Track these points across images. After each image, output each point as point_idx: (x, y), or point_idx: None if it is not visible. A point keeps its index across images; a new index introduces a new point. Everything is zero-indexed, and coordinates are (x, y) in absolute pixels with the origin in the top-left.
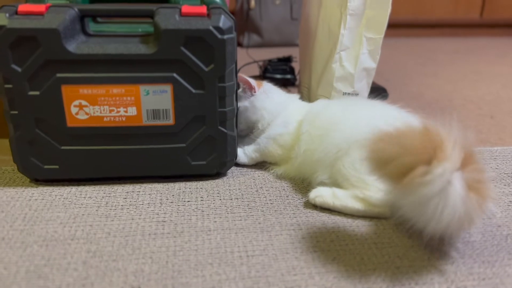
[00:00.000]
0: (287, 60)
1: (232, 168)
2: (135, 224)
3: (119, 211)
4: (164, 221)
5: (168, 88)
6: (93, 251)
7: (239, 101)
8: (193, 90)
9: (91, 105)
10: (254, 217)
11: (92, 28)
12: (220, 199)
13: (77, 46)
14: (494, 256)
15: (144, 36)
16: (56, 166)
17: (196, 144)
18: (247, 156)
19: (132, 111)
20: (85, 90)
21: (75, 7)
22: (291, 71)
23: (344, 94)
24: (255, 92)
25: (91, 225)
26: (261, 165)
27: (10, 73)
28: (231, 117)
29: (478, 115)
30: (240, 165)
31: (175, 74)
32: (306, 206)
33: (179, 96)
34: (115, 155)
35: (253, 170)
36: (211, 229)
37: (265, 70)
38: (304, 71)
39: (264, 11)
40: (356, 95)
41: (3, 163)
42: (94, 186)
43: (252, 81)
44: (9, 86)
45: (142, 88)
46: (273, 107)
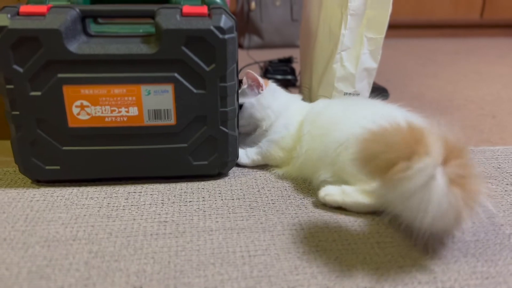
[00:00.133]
0: (288, 61)
1: (234, 168)
2: (137, 224)
3: (121, 212)
4: (166, 222)
5: (169, 88)
6: (95, 252)
7: (245, 97)
8: (195, 90)
9: (92, 106)
10: (256, 217)
11: (93, 29)
12: (222, 199)
13: (78, 46)
14: (497, 255)
15: (145, 36)
16: (57, 167)
17: (198, 144)
18: (248, 157)
19: (133, 111)
20: (87, 90)
21: (76, 8)
22: (292, 72)
23: (345, 94)
24: (262, 89)
25: (92, 226)
26: (263, 166)
27: (12, 73)
28: (233, 117)
29: (479, 115)
30: (241, 166)
31: (176, 74)
32: (308, 206)
33: (180, 96)
34: (117, 156)
35: (255, 170)
36: (213, 229)
37: (266, 71)
38: (305, 71)
39: (265, 13)
40: (357, 95)
41: (4, 165)
42: (95, 186)
43: (260, 78)
44: (11, 86)
45: (144, 88)
46: (277, 106)
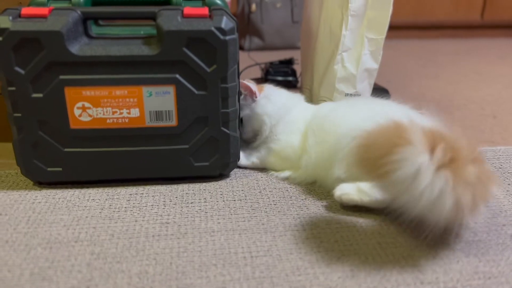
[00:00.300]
0: (289, 62)
1: (235, 169)
2: (139, 226)
3: (123, 213)
4: (167, 223)
5: (170, 89)
6: (97, 253)
7: (242, 110)
8: (196, 91)
9: (94, 107)
10: (257, 218)
11: (94, 31)
12: (224, 201)
13: (80, 48)
14: (499, 255)
15: (147, 38)
16: (59, 169)
17: (199, 145)
18: (248, 159)
19: (135, 112)
20: (88, 92)
21: (77, 10)
22: (293, 73)
23: (346, 95)
24: (256, 97)
25: (94, 227)
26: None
27: (14, 75)
28: (234, 118)
29: (480, 116)
30: (242, 167)
31: (177, 75)
32: (310, 207)
33: (181, 97)
34: (118, 157)
35: (256, 171)
36: (214, 230)
37: (267, 73)
38: (306, 72)
39: (265, 15)
40: (358, 96)
41: (6, 167)
42: (97, 188)
43: (253, 86)
44: (13, 88)
45: (145, 90)
46: (274, 111)
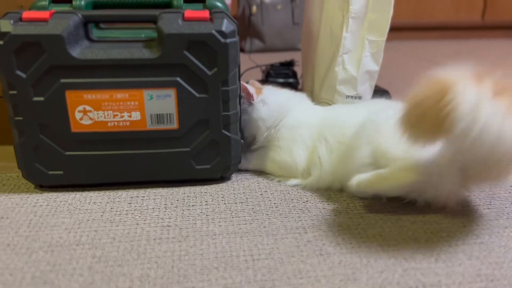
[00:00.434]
0: (290, 64)
1: (236, 172)
2: (140, 229)
3: (124, 216)
4: (169, 226)
5: (171, 93)
6: (98, 257)
7: (243, 114)
8: (197, 94)
9: (95, 110)
10: (259, 220)
11: (95, 35)
12: (225, 203)
13: (81, 51)
14: (501, 257)
15: (148, 41)
16: (60, 172)
17: (200, 148)
18: (249, 162)
19: (136, 115)
20: (89, 95)
21: (78, 13)
22: (294, 75)
23: (347, 97)
24: (253, 100)
25: (96, 231)
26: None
27: (15, 79)
28: (235, 120)
29: None
30: (243, 170)
31: (178, 79)
32: (311, 209)
33: (182, 100)
34: (119, 160)
35: (257, 174)
36: (216, 233)
37: (267, 75)
38: (307, 74)
39: (266, 16)
40: (359, 98)
41: (7, 170)
42: (98, 191)
43: (251, 88)
44: (14, 92)
45: (146, 93)
46: (269, 115)
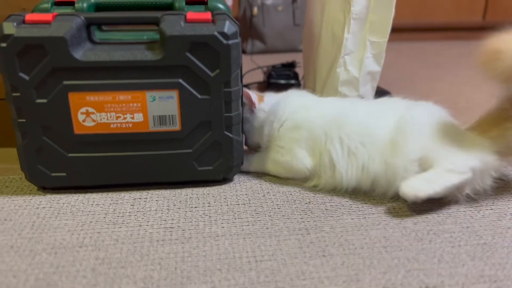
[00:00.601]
0: (291, 65)
1: (239, 173)
2: (143, 230)
3: (127, 218)
4: (171, 227)
5: (174, 94)
6: (101, 258)
7: (245, 122)
8: (199, 96)
9: (98, 112)
10: (261, 222)
11: (97, 37)
12: (227, 205)
13: (83, 53)
14: (504, 258)
15: (150, 43)
16: (63, 174)
17: (203, 150)
18: (251, 163)
19: (138, 117)
20: (92, 97)
21: (81, 16)
22: (295, 76)
23: None
24: (255, 108)
25: (99, 232)
26: None
27: (18, 81)
28: (237, 122)
29: None
30: (245, 171)
31: (181, 80)
32: (314, 211)
33: (185, 101)
34: (122, 162)
35: (260, 175)
36: (219, 235)
37: (269, 76)
38: (308, 76)
39: (267, 18)
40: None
41: (10, 172)
42: (101, 193)
43: (253, 95)
44: (17, 94)
45: (149, 94)
46: (270, 123)
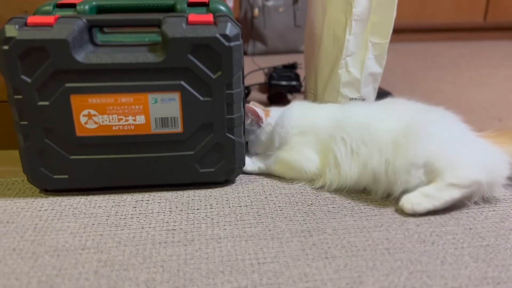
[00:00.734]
0: (292, 67)
1: (241, 175)
2: (145, 233)
3: (129, 220)
4: (174, 230)
5: (176, 96)
6: (104, 261)
7: (247, 134)
8: (201, 98)
9: (100, 114)
10: (264, 224)
11: (99, 39)
12: (229, 207)
13: (85, 56)
14: (508, 259)
15: (152, 45)
16: (65, 176)
17: (204, 152)
18: (254, 164)
19: (140, 119)
20: (94, 99)
21: (83, 18)
22: (297, 77)
23: (351, 99)
24: (262, 122)
25: (101, 235)
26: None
27: (20, 84)
28: (239, 123)
29: (486, 118)
30: (247, 173)
31: (183, 82)
32: (316, 212)
33: (187, 103)
34: (124, 164)
35: (262, 177)
36: (221, 237)
37: (270, 77)
38: (310, 77)
39: (268, 19)
40: (363, 100)
41: (13, 174)
42: (103, 195)
43: (259, 111)
44: (19, 96)
45: (150, 97)
46: (279, 136)
